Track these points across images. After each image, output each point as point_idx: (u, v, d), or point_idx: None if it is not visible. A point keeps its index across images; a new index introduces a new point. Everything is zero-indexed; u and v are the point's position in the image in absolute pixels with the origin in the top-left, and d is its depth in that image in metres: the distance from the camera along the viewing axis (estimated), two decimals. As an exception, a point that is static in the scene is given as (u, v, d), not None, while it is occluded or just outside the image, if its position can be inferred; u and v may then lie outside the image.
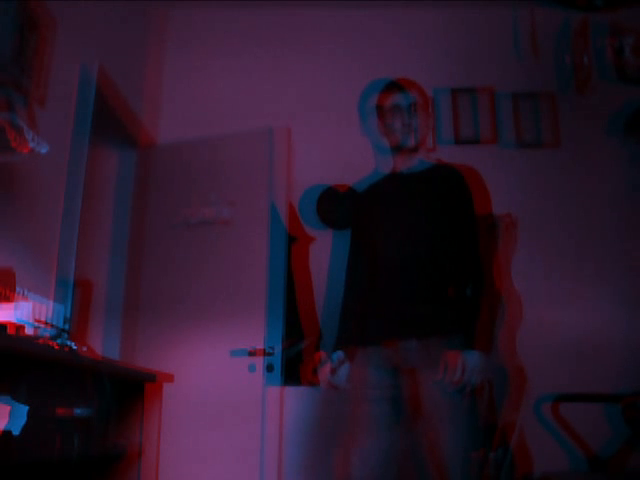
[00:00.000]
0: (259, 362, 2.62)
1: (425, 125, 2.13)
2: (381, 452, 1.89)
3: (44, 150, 1.84)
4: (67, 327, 1.90)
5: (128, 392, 2.05)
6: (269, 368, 2.61)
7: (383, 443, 1.90)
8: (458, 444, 1.80)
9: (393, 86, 2.12)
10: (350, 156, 2.92)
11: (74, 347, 1.60)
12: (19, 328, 1.59)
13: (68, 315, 2.18)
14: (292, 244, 2.87)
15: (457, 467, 1.79)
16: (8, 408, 1.30)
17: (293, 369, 2.69)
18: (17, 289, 1.73)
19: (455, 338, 1.83)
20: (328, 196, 3.00)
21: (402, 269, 1.97)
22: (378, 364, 1.96)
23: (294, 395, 2.74)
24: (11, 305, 1.62)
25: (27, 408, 1.33)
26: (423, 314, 1.90)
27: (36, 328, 1.71)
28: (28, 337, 1.63)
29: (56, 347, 1.53)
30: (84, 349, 1.72)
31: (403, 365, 1.92)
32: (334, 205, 2.98)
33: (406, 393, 1.91)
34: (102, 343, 2.84)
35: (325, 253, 2.97)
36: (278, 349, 2.63)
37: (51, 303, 1.99)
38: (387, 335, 1.95)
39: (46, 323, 1.76)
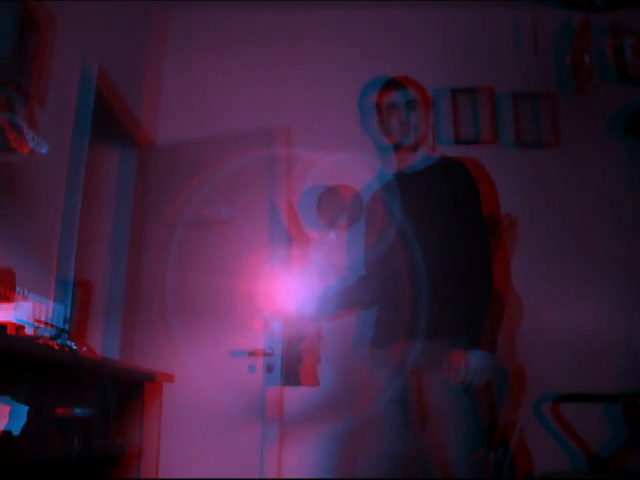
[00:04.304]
0: (259, 362, 2.62)
1: (424, 122, 2.11)
2: (387, 453, 1.89)
3: (44, 150, 1.84)
4: (67, 327, 1.90)
5: (128, 392, 2.05)
6: (269, 368, 2.61)
7: (389, 444, 1.90)
8: (463, 444, 1.80)
9: (391, 84, 2.11)
10: (350, 156, 2.92)
11: (74, 347, 1.60)
12: (19, 328, 1.59)
13: (68, 315, 2.18)
14: (292, 244, 2.87)
15: (462, 467, 1.78)
16: (8, 408, 1.30)
17: (293, 369, 2.69)
18: (17, 289, 1.73)
19: (460, 338, 1.82)
20: (328, 196, 3.00)
21: (408, 271, 1.97)
22: (384, 366, 1.96)
23: (294, 395, 2.75)
24: (11, 305, 1.62)
25: (27, 408, 1.33)
26: (429, 315, 1.90)
27: (36, 328, 1.71)
28: (28, 337, 1.63)
29: (56, 347, 1.54)
30: (84, 349, 1.72)
31: (409, 366, 1.92)
32: (334, 205, 2.98)
33: (412, 394, 1.91)
34: (102, 343, 2.84)
35: (325, 252, 2.97)
36: (278, 349, 2.63)
37: (51, 303, 1.99)
38: (393, 337, 1.95)
39: (46, 323, 1.76)
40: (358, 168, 2.80)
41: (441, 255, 1.95)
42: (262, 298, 2.62)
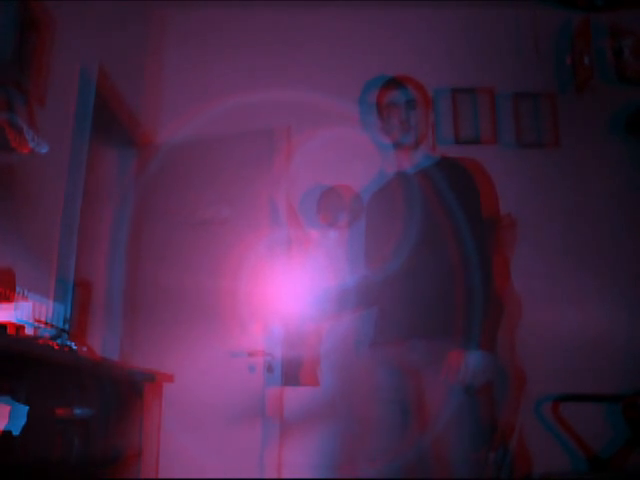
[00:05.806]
0: (259, 363, 2.62)
1: (424, 121, 2.11)
2: (387, 453, 1.89)
3: (44, 150, 1.84)
4: (67, 327, 1.91)
5: (128, 392, 2.05)
6: (269, 369, 2.61)
7: (389, 444, 1.90)
8: (463, 444, 1.80)
9: (391, 83, 2.11)
10: (350, 156, 2.92)
11: (74, 347, 1.60)
12: (19, 328, 1.59)
13: (68, 315, 2.18)
14: (292, 244, 2.87)
15: (462, 467, 1.78)
16: (8, 408, 1.30)
17: (293, 369, 2.69)
18: (17, 289, 1.73)
19: (460, 338, 1.82)
20: (328, 196, 3.00)
21: (408, 270, 1.97)
22: (384, 365, 1.96)
23: (294, 395, 2.75)
24: (11, 305, 1.62)
25: (27, 408, 1.33)
26: (429, 315, 1.90)
27: (36, 328, 1.71)
28: (28, 337, 1.63)
29: (56, 347, 1.54)
30: (84, 349, 1.72)
31: (409, 366, 1.92)
32: (334, 205, 2.98)
33: (412, 394, 1.91)
34: (102, 343, 2.84)
35: (325, 252, 2.97)
36: (278, 350, 2.63)
37: (51, 303, 1.99)
38: (393, 336, 1.95)
39: (46, 323, 1.76)
40: (358, 168, 2.80)
41: (441, 255, 1.95)
42: (262, 298, 2.62)
